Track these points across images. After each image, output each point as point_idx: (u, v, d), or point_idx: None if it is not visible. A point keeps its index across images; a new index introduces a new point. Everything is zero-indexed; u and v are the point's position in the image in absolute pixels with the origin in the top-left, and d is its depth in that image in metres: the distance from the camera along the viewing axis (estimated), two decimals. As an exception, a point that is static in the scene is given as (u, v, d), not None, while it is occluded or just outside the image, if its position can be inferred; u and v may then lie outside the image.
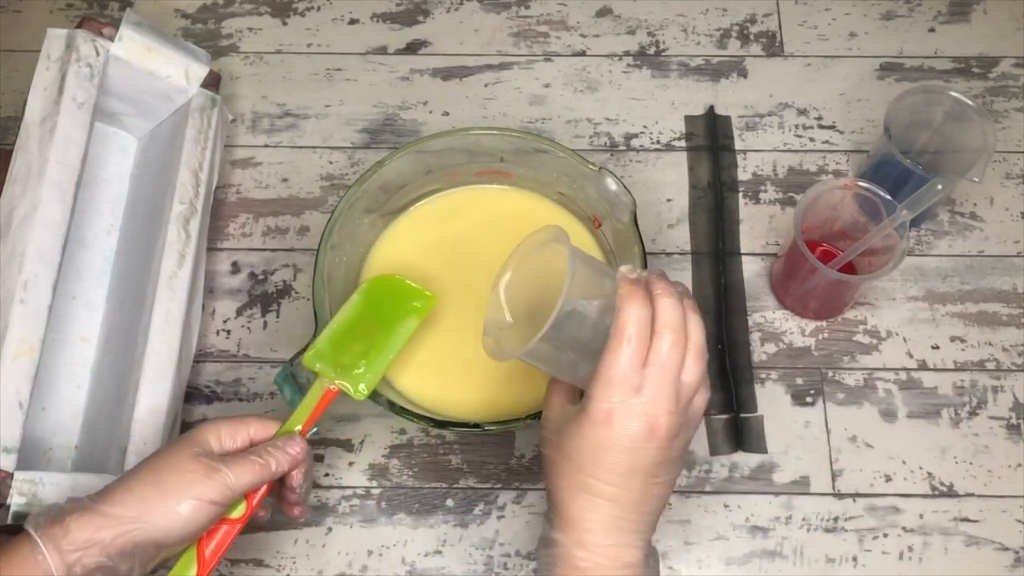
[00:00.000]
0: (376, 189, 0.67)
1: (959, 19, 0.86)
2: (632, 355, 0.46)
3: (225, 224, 0.78)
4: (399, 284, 0.62)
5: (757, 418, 0.70)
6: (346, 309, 0.61)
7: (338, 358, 0.58)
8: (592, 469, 0.47)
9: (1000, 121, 0.81)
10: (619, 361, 0.46)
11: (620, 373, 0.46)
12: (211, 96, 0.73)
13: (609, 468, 0.47)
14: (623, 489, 0.47)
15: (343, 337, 0.59)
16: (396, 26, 0.87)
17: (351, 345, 0.58)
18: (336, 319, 0.60)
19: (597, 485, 0.47)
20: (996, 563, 0.66)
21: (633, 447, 0.46)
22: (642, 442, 0.46)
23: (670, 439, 0.47)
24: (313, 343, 0.59)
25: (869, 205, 0.68)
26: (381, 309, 0.61)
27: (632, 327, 0.46)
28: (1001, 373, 0.72)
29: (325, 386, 0.57)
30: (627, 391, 0.46)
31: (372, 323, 0.60)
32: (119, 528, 0.47)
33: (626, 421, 0.46)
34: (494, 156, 0.69)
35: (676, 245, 0.77)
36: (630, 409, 0.46)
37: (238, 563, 0.67)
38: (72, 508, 0.47)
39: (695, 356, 0.47)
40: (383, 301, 0.61)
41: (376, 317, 0.60)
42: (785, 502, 0.68)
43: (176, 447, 0.50)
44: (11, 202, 0.63)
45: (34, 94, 0.65)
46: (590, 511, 0.48)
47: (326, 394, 0.57)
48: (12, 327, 0.59)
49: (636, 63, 0.85)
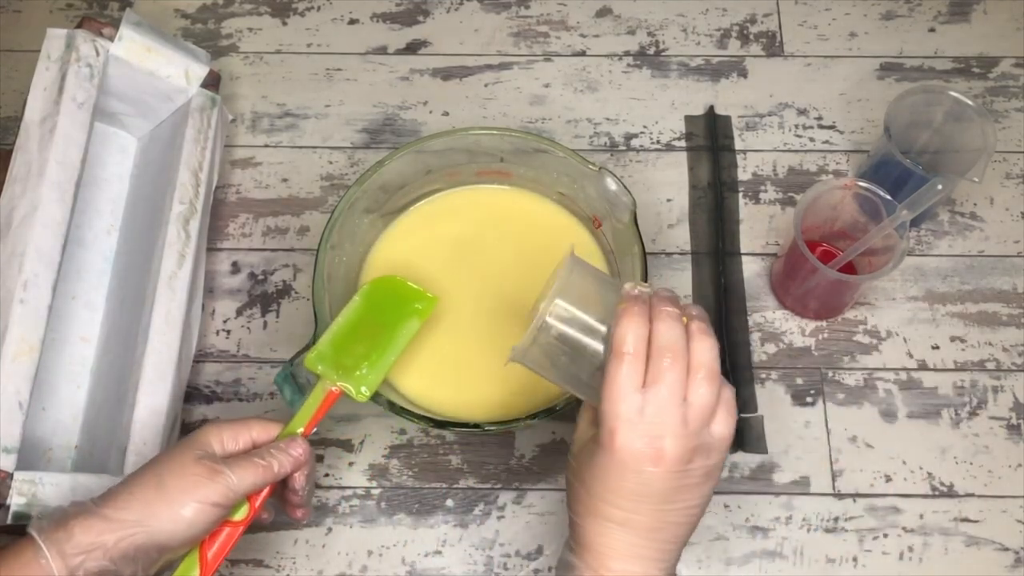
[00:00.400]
0: (376, 189, 0.67)
1: (959, 19, 0.86)
2: (630, 373, 0.45)
3: (225, 224, 0.78)
4: (400, 286, 0.62)
5: (757, 418, 0.70)
6: (347, 311, 0.61)
7: (340, 360, 0.58)
8: (602, 492, 0.47)
9: (1000, 121, 0.81)
10: (617, 378, 0.45)
11: (619, 391, 0.45)
12: (211, 96, 0.73)
13: (616, 491, 0.46)
14: (634, 514, 0.46)
15: (345, 339, 0.59)
16: (396, 26, 0.87)
17: (353, 347, 0.58)
18: (337, 321, 0.60)
19: (608, 509, 0.47)
20: (996, 563, 0.66)
21: (638, 469, 0.45)
22: (648, 465, 0.45)
23: (681, 463, 0.46)
24: (315, 345, 0.59)
25: (869, 205, 0.68)
26: (382, 311, 0.61)
27: (628, 345, 0.46)
28: (1001, 373, 0.72)
29: (327, 388, 0.57)
30: (629, 410, 0.45)
31: (374, 325, 0.60)
32: (122, 532, 0.47)
33: (629, 442, 0.45)
34: (494, 156, 0.69)
35: (676, 245, 0.77)
36: (632, 429, 0.45)
37: (238, 563, 0.67)
38: (76, 512, 0.47)
39: (705, 378, 0.46)
40: (384, 303, 0.61)
41: (377, 319, 0.60)
42: (785, 502, 0.68)
43: (178, 450, 0.50)
44: (11, 202, 0.63)
45: (34, 94, 0.65)
46: (604, 536, 0.47)
47: (328, 396, 0.57)
48: (12, 327, 0.59)
49: (636, 63, 0.85)
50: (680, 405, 0.45)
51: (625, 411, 0.45)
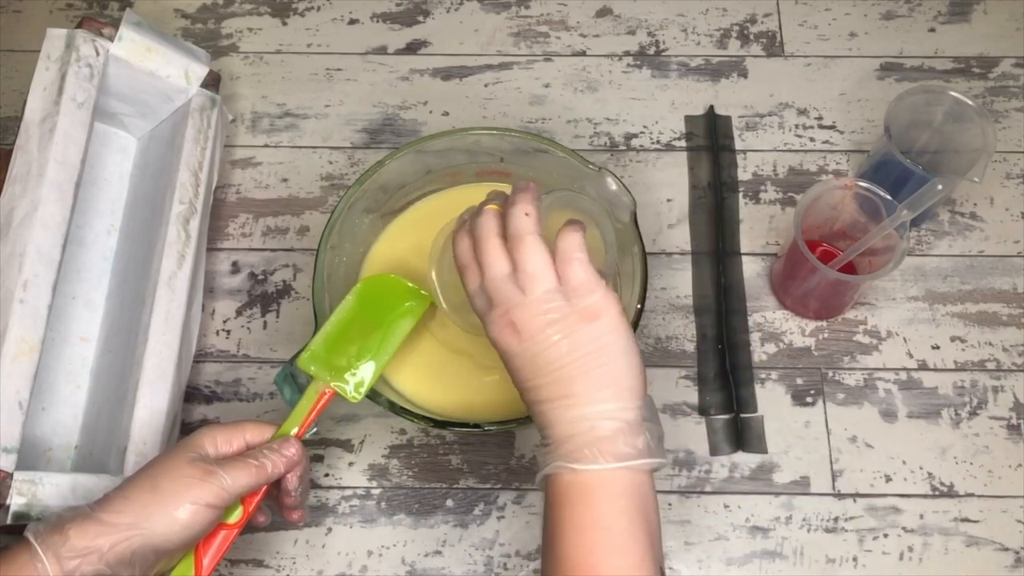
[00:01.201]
0: (376, 189, 0.67)
1: (959, 19, 0.86)
2: (469, 278, 0.50)
3: (225, 224, 0.78)
4: (394, 283, 0.61)
5: (757, 418, 0.70)
6: (340, 310, 0.60)
7: (332, 360, 0.58)
8: (521, 382, 0.49)
9: (1000, 121, 0.81)
10: (467, 287, 0.51)
11: (471, 296, 0.50)
12: (211, 96, 0.73)
13: (524, 375, 0.48)
14: (555, 383, 0.47)
15: (337, 338, 0.59)
16: (396, 26, 0.87)
17: (345, 347, 0.58)
18: (331, 320, 0.60)
19: (536, 393, 0.48)
20: (996, 563, 0.66)
21: (517, 352, 0.48)
22: (515, 343, 0.48)
23: (541, 327, 0.47)
24: (307, 345, 0.59)
25: (869, 205, 0.68)
26: (375, 309, 0.60)
27: (459, 258, 0.51)
28: (1001, 373, 0.72)
29: (320, 388, 0.57)
30: (482, 307, 0.50)
31: (366, 324, 0.59)
32: (117, 535, 0.47)
33: (494, 333, 0.49)
34: (494, 156, 0.69)
35: (676, 245, 0.77)
36: (490, 322, 0.49)
37: (238, 563, 0.67)
38: (72, 516, 0.48)
39: (521, 241, 0.48)
40: (377, 301, 0.61)
41: (370, 318, 0.60)
42: (785, 502, 0.68)
43: (172, 453, 0.51)
44: (11, 202, 0.63)
45: (34, 94, 0.65)
46: (552, 413, 0.48)
47: (321, 396, 0.56)
48: (12, 327, 0.59)
49: (636, 63, 0.85)
50: (508, 278, 0.48)
51: (480, 309, 0.50)
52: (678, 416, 0.71)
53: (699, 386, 0.72)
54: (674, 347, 0.73)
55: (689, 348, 0.73)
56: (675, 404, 0.71)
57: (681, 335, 0.74)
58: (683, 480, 0.69)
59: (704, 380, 0.72)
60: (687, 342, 0.73)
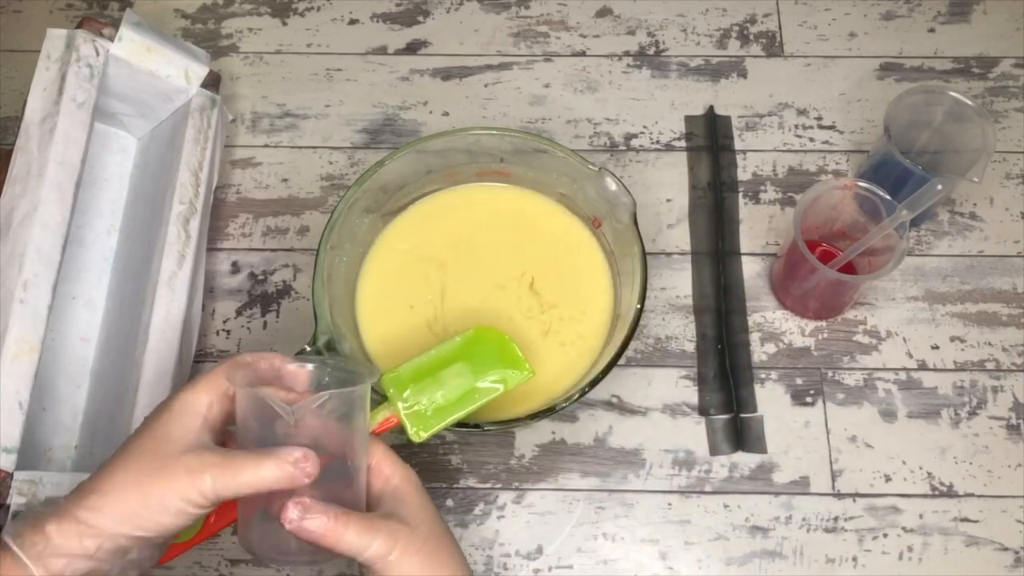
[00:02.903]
0: (376, 189, 0.67)
1: (959, 19, 0.86)
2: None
3: (225, 224, 0.78)
4: (505, 345, 0.59)
5: (757, 418, 0.70)
6: (442, 347, 0.58)
7: (413, 391, 0.56)
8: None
9: (1000, 121, 0.81)
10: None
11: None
12: (211, 96, 0.73)
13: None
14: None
15: (426, 373, 0.57)
16: (396, 26, 0.87)
17: (430, 385, 0.56)
18: (429, 353, 0.58)
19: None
20: (996, 563, 0.66)
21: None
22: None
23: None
24: (398, 367, 0.57)
25: (869, 205, 0.68)
26: (474, 362, 0.58)
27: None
28: (1001, 373, 0.72)
29: (388, 413, 0.55)
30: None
31: (460, 371, 0.57)
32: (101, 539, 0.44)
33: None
34: (494, 156, 0.69)
35: (676, 245, 0.77)
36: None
37: (238, 563, 0.67)
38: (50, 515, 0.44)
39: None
40: (482, 354, 0.58)
41: (467, 367, 0.58)
42: (785, 502, 0.68)
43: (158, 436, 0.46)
44: (11, 202, 0.63)
45: (34, 94, 0.65)
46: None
47: (387, 420, 0.55)
48: (12, 327, 0.59)
49: (636, 63, 0.85)
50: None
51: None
52: (678, 416, 0.71)
53: (699, 386, 0.72)
54: (674, 347, 0.73)
55: (689, 348, 0.73)
56: (675, 404, 0.71)
57: (681, 335, 0.74)
58: (683, 480, 0.69)
59: (704, 380, 0.72)
60: (687, 342, 0.73)
